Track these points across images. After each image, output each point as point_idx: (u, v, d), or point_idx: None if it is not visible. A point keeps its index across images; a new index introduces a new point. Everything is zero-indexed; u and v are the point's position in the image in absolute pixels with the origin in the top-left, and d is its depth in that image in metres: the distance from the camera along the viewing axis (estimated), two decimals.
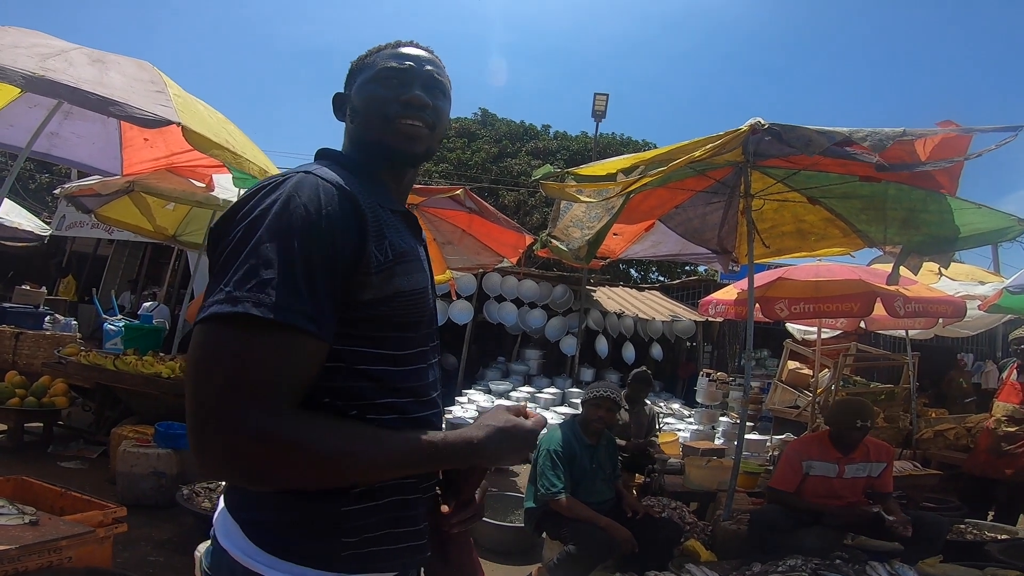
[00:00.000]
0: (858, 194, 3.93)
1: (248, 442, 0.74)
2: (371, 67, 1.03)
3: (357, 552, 0.87)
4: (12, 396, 4.41)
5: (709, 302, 5.86)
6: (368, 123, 1.00)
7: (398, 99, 0.99)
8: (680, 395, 11.01)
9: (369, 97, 1.00)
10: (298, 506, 0.84)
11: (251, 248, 0.78)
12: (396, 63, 1.01)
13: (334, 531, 0.85)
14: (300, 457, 0.77)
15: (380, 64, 1.02)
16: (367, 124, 1.00)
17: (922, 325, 6.29)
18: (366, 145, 1.01)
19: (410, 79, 1.00)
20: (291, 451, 0.76)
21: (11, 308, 6.48)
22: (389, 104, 0.98)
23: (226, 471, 0.78)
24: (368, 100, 1.00)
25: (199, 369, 0.76)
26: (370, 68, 1.03)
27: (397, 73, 1.00)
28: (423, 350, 0.98)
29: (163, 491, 3.59)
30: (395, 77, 1.00)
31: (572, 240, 3.91)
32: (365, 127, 1.00)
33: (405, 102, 0.99)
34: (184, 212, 6.10)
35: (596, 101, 13.85)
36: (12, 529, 1.91)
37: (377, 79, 1.01)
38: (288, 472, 0.78)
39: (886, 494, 3.36)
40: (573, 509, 3.09)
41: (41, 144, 3.96)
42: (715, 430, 7.62)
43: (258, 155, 3.68)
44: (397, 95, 0.99)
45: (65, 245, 12.50)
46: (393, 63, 1.01)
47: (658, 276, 20.12)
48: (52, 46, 3.02)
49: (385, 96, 0.99)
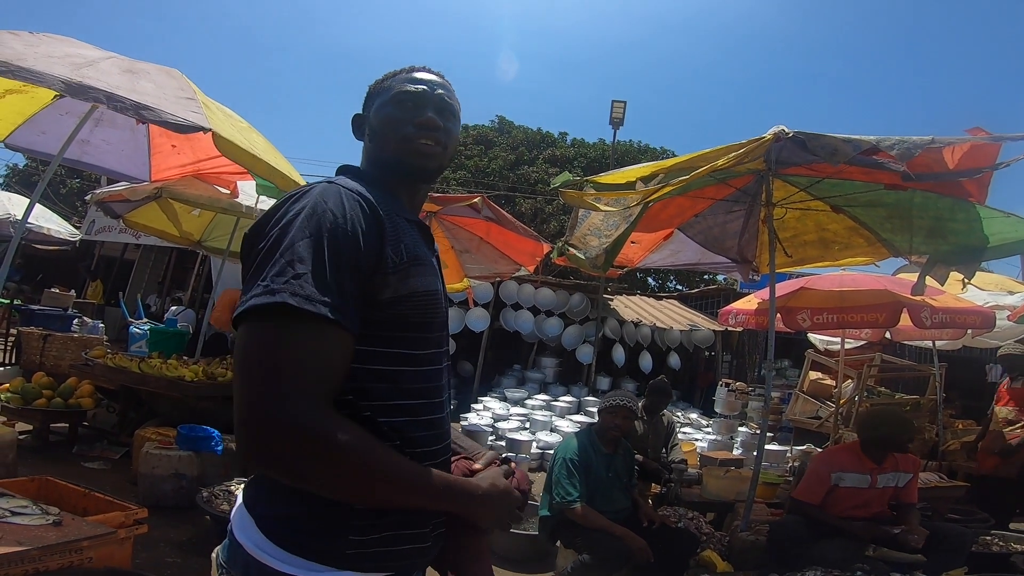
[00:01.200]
0: (883, 202, 3.85)
1: (289, 434, 0.79)
2: (387, 91, 1.11)
3: (363, 551, 0.90)
4: (39, 397, 4.51)
5: (729, 311, 5.79)
6: (385, 142, 1.08)
7: (413, 121, 1.07)
8: (698, 405, 10.87)
9: (386, 119, 1.08)
10: (309, 503, 0.87)
11: (284, 248, 0.85)
12: (411, 87, 1.09)
13: (342, 529, 0.89)
14: (335, 455, 0.81)
15: (396, 88, 1.10)
16: (384, 143, 1.08)
17: (950, 336, 6.14)
18: (383, 162, 1.09)
19: (424, 102, 1.08)
20: (321, 444, 0.80)
21: (40, 310, 6.67)
22: (405, 125, 1.06)
23: (269, 463, 0.83)
24: (385, 121, 1.08)
25: (246, 358, 0.82)
26: (386, 92, 1.11)
27: (412, 96, 1.08)
28: (436, 352, 1.03)
29: (183, 493, 3.64)
30: (410, 100, 1.08)
31: (590, 248, 3.89)
32: (382, 146, 1.08)
33: (420, 124, 1.07)
34: (209, 218, 6.22)
35: (614, 108, 13.84)
36: (35, 529, 1.93)
37: (393, 102, 1.09)
38: (322, 468, 0.82)
39: (910, 504, 3.33)
40: (588, 518, 3.07)
41: (72, 151, 4.06)
42: (733, 440, 7.50)
43: (281, 162, 3.74)
44: (412, 117, 1.07)
45: (94, 249, 12.82)
46: (408, 87, 1.09)
47: (676, 285, 19.98)
48: (85, 55, 3.11)
49: (401, 118, 1.07)
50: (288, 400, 0.79)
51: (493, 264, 6.05)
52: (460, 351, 9.98)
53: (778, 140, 2.84)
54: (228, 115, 3.59)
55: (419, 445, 0.96)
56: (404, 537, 0.94)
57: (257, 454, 0.81)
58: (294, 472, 0.83)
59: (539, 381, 10.06)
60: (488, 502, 0.97)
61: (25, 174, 19.37)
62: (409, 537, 0.95)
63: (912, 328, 5.08)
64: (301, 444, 0.80)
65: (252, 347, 0.82)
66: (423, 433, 0.98)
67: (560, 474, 3.17)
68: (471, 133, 21.48)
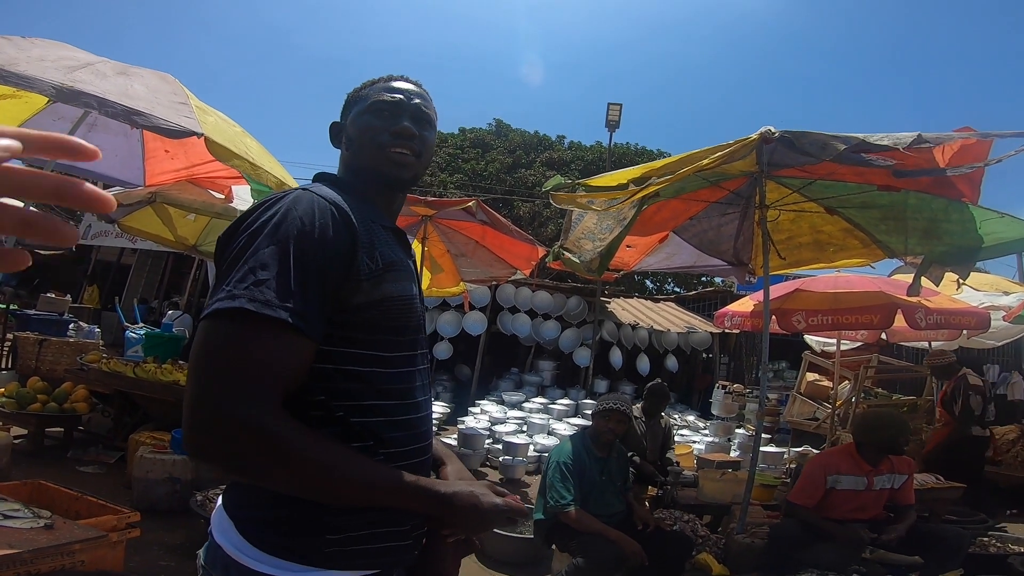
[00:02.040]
0: (877, 204, 3.86)
1: (229, 427, 0.81)
2: (364, 100, 1.12)
3: (341, 550, 0.91)
4: (34, 401, 4.51)
5: (725, 314, 5.79)
6: (361, 151, 1.09)
7: (389, 130, 1.08)
8: (695, 407, 10.86)
9: (363, 127, 1.09)
10: (286, 503, 0.89)
11: (250, 253, 0.87)
12: (387, 96, 1.10)
13: (319, 528, 0.90)
14: (273, 450, 0.82)
15: (373, 97, 1.11)
16: (361, 151, 1.09)
17: (945, 337, 6.16)
18: (360, 170, 1.10)
19: (400, 111, 1.10)
20: (267, 443, 0.82)
21: (36, 315, 6.65)
22: (381, 134, 1.08)
23: (206, 453, 0.84)
24: (362, 130, 1.09)
25: (197, 357, 0.84)
26: (363, 101, 1.12)
27: (388, 106, 1.09)
28: (411, 354, 1.04)
29: (177, 497, 3.63)
30: (386, 109, 1.09)
31: (584, 252, 3.89)
32: (359, 154, 1.10)
33: (395, 133, 1.08)
34: (204, 223, 6.21)
35: (610, 111, 13.89)
36: (27, 532, 1.95)
37: (370, 111, 1.10)
38: (261, 463, 0.83)
39: (907, 506, 3.34)
40: (582, 521, 3.06)
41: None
42: (731, 442, 7.49)
43: (275, 166, 3.74)
44: (388, 126, 1.08)
45: (90, 254, 12.81)
46: (385, 96, 1.10)
47: (674, 287, 19.97)
48: (78, 59, 3.11)
49: (377, 126, 1.08)
50: (231, 397, 0.81)
51: (489, 268, 6.05)
52: (457, 355, 9.98)
53: (766, 141, 2.85)
54: (222, 119, 3.59)
55: (394, 445, 0.97)
56: (381, 535, 0.95)
57: (194, 446, 0.83)
58: (235, 467, 0.86)
59: (536, 384, 10.05)
60: (455, 503, 0.94)
61: None
62: (387, 535, 0.96)
63: (908, 329, 5.09)
64: (243, 441, 0.81)
65: (204, 346, 0.84)
66: (398, 434, 0.98)
67: (554, 478, 3.17)
68: (468, 136, 21.51)
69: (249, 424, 0.81)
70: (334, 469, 0.86)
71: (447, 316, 9.79)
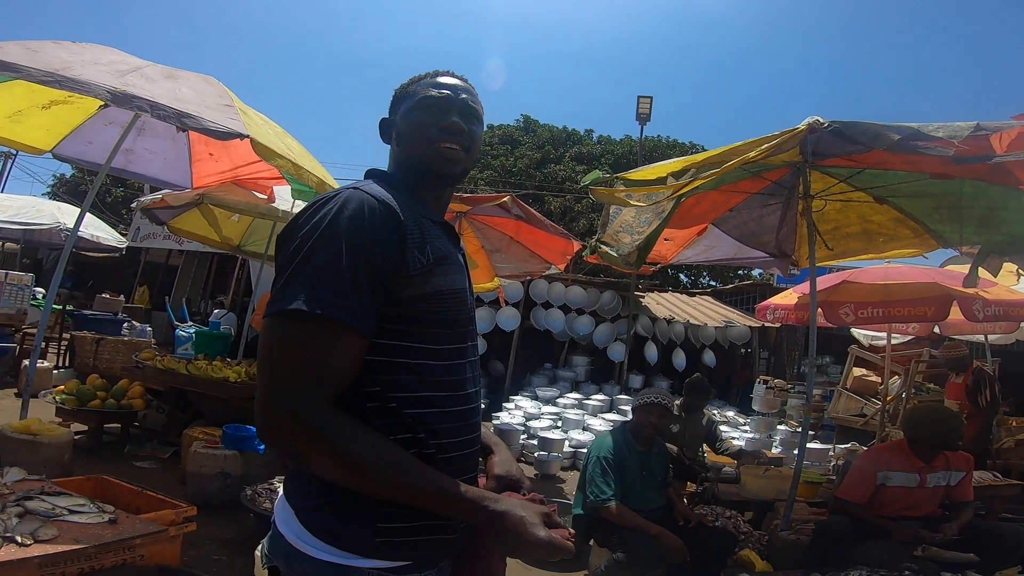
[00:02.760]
0: (930, 192, 3.69)
1: (285, 419, 0.88)
2: (413, 96, 1.14)
3: (391, 540, 0.94)
4: (93, 398, 4.70)
5: (767, 307, 5.65)
6: (411, 146, 1.11)
7: (438, 125, 1.10)
8: (734, 403, 10.64)
9: (412, 123, 1.12)
10: (338, 493, 0.93)
11: (305, 253, 0.91)
12: (435, 92, 1.12)
13: (370, 518, 0.94)
14: (325, 445, 0.88)
15: (421, 93, 1.13)
16: (410, 147, 1.12)
17: (1003, 329, 5.90)
18: (410, 166, 1.12)
19: (448, 107, 1.12)
20: (319, 438, 0.88)
21: (92, 315, 6.98)
22: (429, 129, 1.10)
23: (267, 441, 0.92)
24: (411, 126, 1.12)
25: (262, 356, 0.91)
26: (412, 97, 1.14)
27: (436, 101, 1.11)
28: (461, 347, 1.07)
29: (228, 491, 3.74)
30: (435, 105, 1.11)
31: (622, 245, 3.84)
32: (409, 150, 1.12)
33: (444, 128, 1.10)
34: (248, 223, 6.40)
35: (640, 104, 13.63)
36: (93, 527, 1.99)
37: (419, 107, 1.12)
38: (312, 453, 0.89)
39: (965, 503, 3.24)
40: (623, 517, 3.04)
41: (118, 160, 4.22)
42: (772, 438, 7.31)
43: (316, 166, 3.81)
44: (437, 121, 1.10)
45: (140, 256, 13.34)
46: (433, 92, 1.12)
47: (710, 281, 19.57)
48: (127, 63, 3.22)
49: (426, 122, 1.10)
50: (289, 394, 0.87)
51: (523, 263, 6.04)
52: (491, 350, 10.01)
53: (813, 131, 2.75)
54: (264, 121, 3.68)
55: (445, 436, 1.00)
56: (430, 527, 0.97)
57: (264, 436, 0.91)
58: (293, 456, 0.92)
59: (570, 380, 10.01)
60: (502, 524, 0.92)
61: (72, 184, 20.22)
62: (435, 528, 0.98)
63: (963, 321, 4.89)
64: (296, 433, 0.88)
65: (267, 346, 0.91)
66: (449, 424, 1.01)
67: (594, 472, 3.15)
68: (496, 133, 21.48)
69: (302, 419, 0.87)
70: (385, 469, 0.90)
71: (481, 312, 9.82)
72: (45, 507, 2.04)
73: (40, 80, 2.74)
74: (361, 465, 0.89)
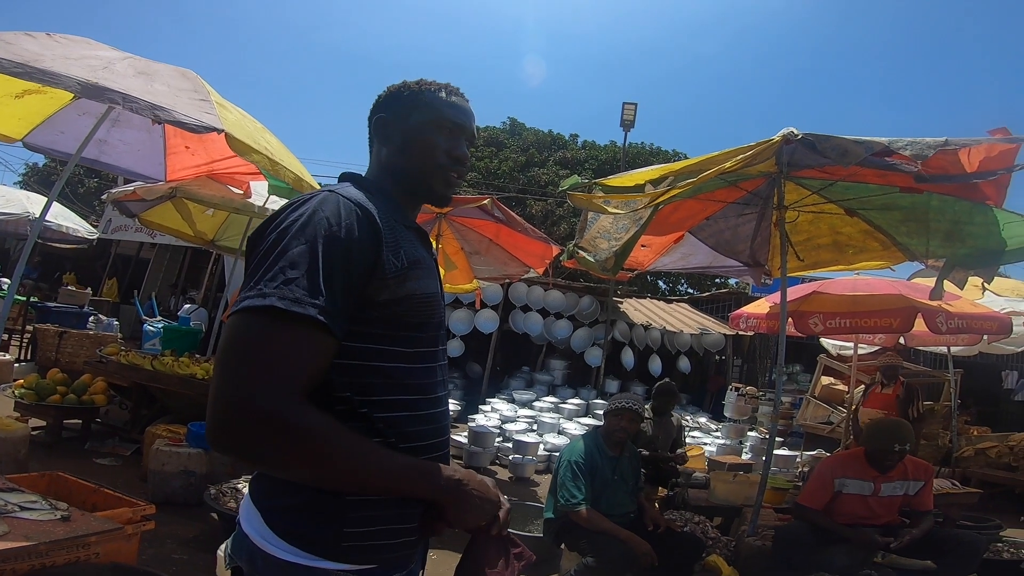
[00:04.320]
0: (899, 205, 3.80)
1: (254, 420, 0.83)
2: (429, 109, 1.12)
3: (358, 544, 0.93)
4: (53, 393, 4.55)
5: (740, 315, 5.74)
6: (417, 162, 1.11)
7: (450, 153, 1.12)
8: (708, 409, 10.78)
9: (426, 141, 1.11)
10: (307, 493, 0.92)
11: (279, 252, 0.89)
12: (453, 116, 1.12)
13: (337, 520, 0.92)
14: (297, 444, 0.84)
15: (440, 111, 1.12)
16: (415, 162, 1.11)
17: (965, 342, 6.07)
18: (404, 176, 1.12)
19: (462, 135, 1.14)
20: (291, 437, 0.84)
21: (56, 308, 6.77)
22: (442, 155, 1.11)
23: (229, 446, 0.86)
24: (425, 144, 1.11)
25: (226, 352, 0.87)
26: (427, 109, 1.12)
27: (454, 126, 1.12)
28: (432, 350, 1.07)
29: (192, 490, 3.67)
30: (452, 129, 1.12)
31: (599, 251, 3.87)
32: (411, 163, 1.11)
33: (455, 158, 1.12)
34: (223, 218, 6.28)
35: (624, 111, 13.79)
36: (44, 524, 1.94)
37: (435, 126, 1.11)
38: (283, 456, 0.85)
39: (925, 512, 3.30)
40: (593, 521, 3.05)
41: (90, 151, 4.11)
42: (743, 445, 7.43)
43: (293, 162, 3.76)
44: (450, 149, 1.12)
45: (110, 248, 13.00)
46: (450, 115, 1.12)
47: (687, 288, 19.82)
48: (101, 57, 3.15)
49: (440, 145, 1.11)
50: (258, 392, 0.83)
51: (502, 266, 6.04)
52: (469, 352, 9.99)
53: (788, 142, 2.81)
54: (242, 116, 3.61)
55: (415, 439, 1.00)
56: (396, 531, 0.97)
57: (218, 440, 0.85)
58: (254, 460, 0.88)
59: (547, 383, 10.03)
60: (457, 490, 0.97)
61: (44, 173, 19.69)
62: (400, 531, 0.98)
63: (927, 333, 5.02)
64: (264, 434, 0.83)
65: (235, 338, 0.86)
66: (420, 427, 1.02)
67: (565, 476, 3.16)
68: (482, 135, 21.46)
69: (274, 418, 0.83)
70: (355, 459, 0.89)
71: (459, 313, 9.80)
72: None
73: (10, 72, 2.66)
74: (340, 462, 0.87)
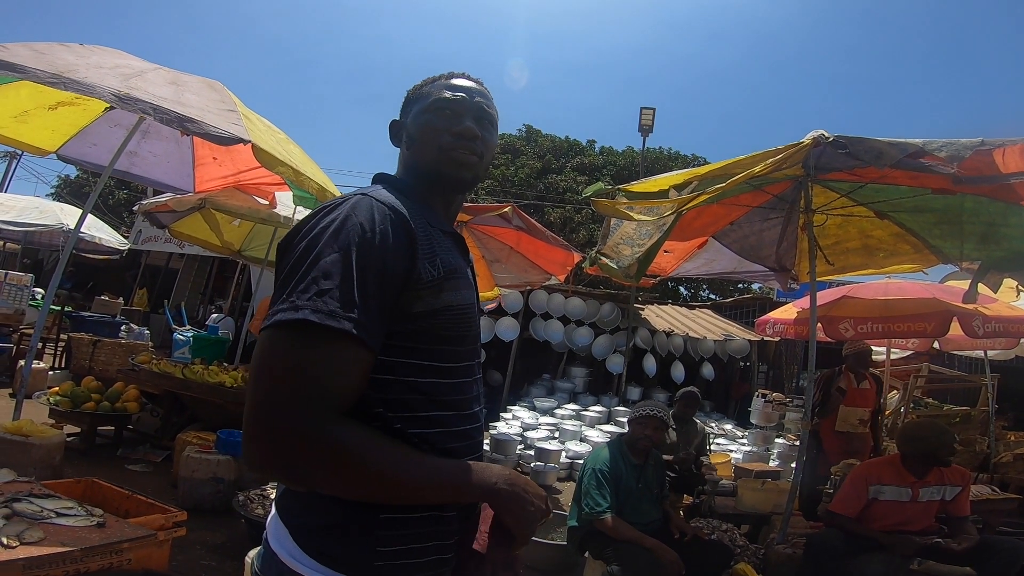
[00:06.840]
0: (931, 207, 3.70)
1: (292, 439, 0.79)
2: (426, 98, 1.09)
3: (391, 563, 0.89)
4: (87, 400, 4.67)
5: (766, 321, 5.64)
6: (422, 151, 1.06)
7: (451, 130, 1.05)
8: (732, 416, 10.59)
9: (424, 127, 1.06)
10: (339, 511, 0.88)
11: (311, 261, 0.85)
12: (449, 94, 1.07)
13: (369, 538, 0.89)
14: (336, 460, 0.81)
15: (434, 95, 1.08)
16: (421, 152, 1.06)
17: (1002, 345, 5.89)
18: (419, 171, 1.07)
19: (462, 111, 1.06)
20: (329, 453, 0.80)
21: (90, 317, 6.96)
22: (442, 135, 1.05)
23: (267, 465, 0.82)
24: (423, 129, 1.06)
25: (259, 368, 0.82)
26: (424, 99, 1.09)
27: (450, 104, 1.06)
28: (469, 364, 1.02)
29: (220, 497, 3.72)
30: (448, 108, 1.06)
31: (622, 258, 3.84)
32: (419, 155, 1.07)
33: (457, 133, 1.05)
34: (249, 228, 6.41)
35: (643, 115, 13.68)
36: (80, 530, 1.98)
37: (431, 110, 1.07)
38: (324, 473, 0.82)
39: (962, 518, 3.21)
40: (618, 529, 3.01)
41: (121, 163, 4.23)
42: (770, 452, 7.27)
43: (317, 172, 3.82)
44: (450, 126, 1.05)
45: (140, 259, 13.34)
46: (446, 94, 1.07)
47: (709, 294, 19.57)
48: (133, 66, 3.24)
49: (439, 127, 1.05)
50: (294, 409, 0.79)
51: (523, 273, 6.04)
52: (489, 360, 9.98)
53: (817, 145, 2.76)
54: (268, 127, 3.69)
55: (450, 456, 0.95)
56: (429, 548, 0.93)
57: (255, 457, 0.81)
58: (291, 477, 0.84)
59: (569, 391, 9.96)
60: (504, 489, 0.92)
61: (76, 185, 20.29)
62: (434, 548, 0.94)
63: (962, 337, 4.87)
64: (302, 451, 0.80)
65: (268, 354, 0.82)
66: (455, 444, 0.97)
67: (590, 484, 3.13)
68: (498, 142, 21.49)
69: (311, 435, 0.79)
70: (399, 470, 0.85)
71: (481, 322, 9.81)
72: (32, 509, 2.03)
73: (45, 81, 2.75)
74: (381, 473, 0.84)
